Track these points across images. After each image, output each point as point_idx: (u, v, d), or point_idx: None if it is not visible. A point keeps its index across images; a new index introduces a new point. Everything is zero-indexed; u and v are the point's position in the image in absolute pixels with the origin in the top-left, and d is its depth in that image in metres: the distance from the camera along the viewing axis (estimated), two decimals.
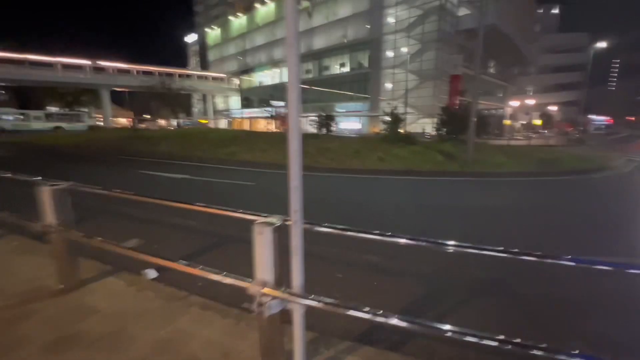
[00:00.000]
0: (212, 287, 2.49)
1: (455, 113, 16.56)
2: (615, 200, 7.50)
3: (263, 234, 1.37)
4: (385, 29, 37.56)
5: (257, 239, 1.38)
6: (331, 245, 4.00)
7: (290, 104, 1.29)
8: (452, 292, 3.06)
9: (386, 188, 8.29)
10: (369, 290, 3.03)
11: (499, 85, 46.03)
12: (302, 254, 1.37)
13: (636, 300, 2.91)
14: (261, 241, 1.37)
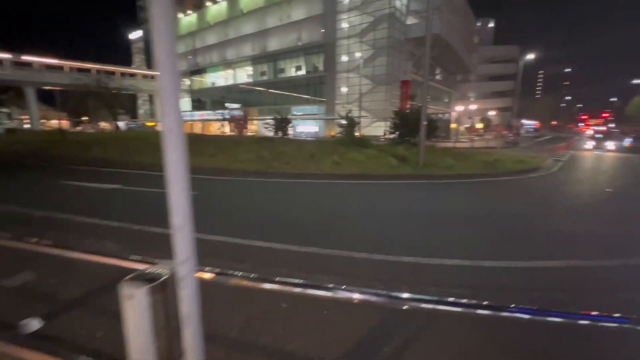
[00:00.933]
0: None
1: (407, 117, 17.06)
2: (549, 196, 8.07)
3: (134, 299, 0.89)
4: (339, 33, 38.08)
5: (127, 306, 0.90)
6: (280, 266, 3.57)
7: (164, 105, 0.84)
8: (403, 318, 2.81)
9: (341, 193, 8.06)
10: (318, 322, 2.65)
11: (445, 91, 49.18)
12: (198, 322, 0.92)
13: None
14: (133, 309, 0.90)
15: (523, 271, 3.57)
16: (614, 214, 6.34)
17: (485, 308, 1.55)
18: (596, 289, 3.24)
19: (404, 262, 3.67)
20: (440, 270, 3.55)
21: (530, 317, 1.59)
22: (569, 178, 11.37)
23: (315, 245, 4.07)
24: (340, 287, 0.80)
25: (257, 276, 0.98)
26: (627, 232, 5.19)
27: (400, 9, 35.27)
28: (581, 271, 3.62)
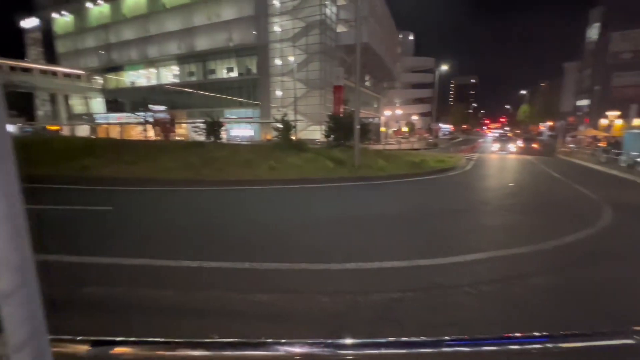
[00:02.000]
0: None
1: (341, 120, 17.54)
2: (467, 192, 8.99)
3: None
4: (272, 36, 37.70)
5: None
6: (213, 288, 3.16)
7: None
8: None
9: (278, 199, 7.78)
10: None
11: (374, 96, 52.33)
12: None
13: None
14: None
15: (455, 266, 3.77)
16: (518, 204, 7.29)
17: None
18: (517, 275, 3.56)
19: (347, 269, 3.58)
20: (382, 274, 3.54)
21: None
22: (480, 174, 12.91)
23: (251, 260, 3.73)
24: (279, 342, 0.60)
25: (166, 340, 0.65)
26: (531, 222, 5.96)
27: (331, 16, 36.43)
28: (502, 260, 3.98)
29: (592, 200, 8.14)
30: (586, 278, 3.59)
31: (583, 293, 3.25)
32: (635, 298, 3.20)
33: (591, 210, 6.85)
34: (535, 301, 3.04)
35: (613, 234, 5.23)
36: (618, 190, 9.96)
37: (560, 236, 4.98)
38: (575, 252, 4.36)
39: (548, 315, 2.79)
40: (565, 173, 13.67)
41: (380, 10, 45.48)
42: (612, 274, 3.73)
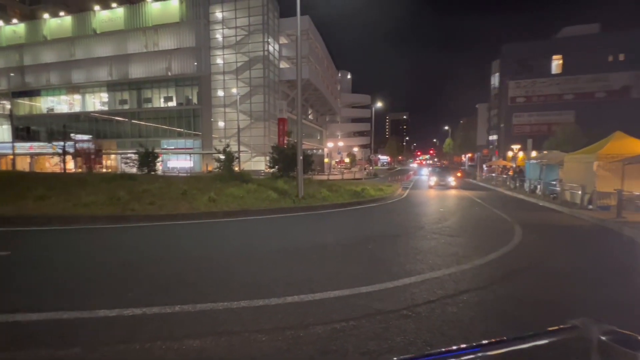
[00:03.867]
0: None
1: (284, 152, 17.74)
2: (405, 217, 9.58)
3: None
4: (214, 68, 37.65)
5: None
6: (137, 341, 2.77)
7: None
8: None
9: (216, 233, 7.37)
10: None
11: (317, 129, 54.48)
12: None
13: None
14: None
15: (395, 291, 3.90)
16: (448, 227, 7.97)
17: None
18: (449, 294, 3.80)
19: (288, 303, 3.45)
20: (325, 305, 3.48)
21: None
22: (414, 201, 13.95)
23: (183, 303, 3.40)
24: None
25: None
26: (459, 243, 6.53)
27: (273, 53, 37.93)
28: (436, 281, 4.23)
29: (506, 221, 9.28)
30: (507, 292, 3.98)
31: (505, 305, 3.58)
32: (546, 305, 3.63)
33: (506, 231, 7.78)
34: (465, 317, 3.26)
35: (524, 250, 5.98)
36: (524, 211, 11.56)
37: (484, 255, 5.53)
38: (496, 269, 4.84)
39: (478, 328, 3.00)
40: (483, 198, 15.49)
41: (320, 51, 48.84)
42: (527, 286, 4.21)
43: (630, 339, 0.85)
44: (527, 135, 32.73)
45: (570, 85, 39.66)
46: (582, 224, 9.11)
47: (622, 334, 0.87)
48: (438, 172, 22.88)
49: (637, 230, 7.31)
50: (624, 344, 0.85)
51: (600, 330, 0.89)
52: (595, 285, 4.37)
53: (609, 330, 0.88)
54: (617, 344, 0.85)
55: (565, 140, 25.51)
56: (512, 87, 42.15)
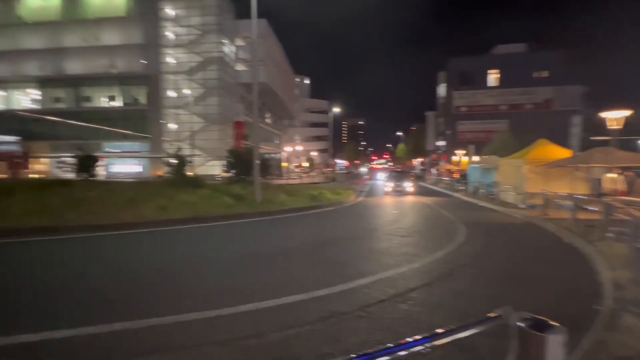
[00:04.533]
0: None
1: (241, 156, 17.29)
2: (361, 220, 9.86)
3: None
4: (164, 67, 35.58)
5: None
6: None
7: None
8: None
9: (164, 242, 6.95)
10: None
11: (275, 133, 54.03)
12: None
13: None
14: None
15: (349, 292, 3.98)
16: (400, 228, 8.35)
17: None
18: (400, 292, 3.97)
19: (242, 312, 3.36)
20: (280, 311, 3.45)
21: None
22: (370, 204, 14.43)
23: (124, 319, 3.14)
24: None
25: None
26: (409, 243, 6.87)
27: (229, 55, 36.97)
28: (388, 281, 4.40)
29: (451, 220, 9.99)
30: (451, 286, 4.27)
31: (449, 298, 3.84)
32: (483, 296, 3.96)
33: (451, 229, 8.37)
34: (414, 313, 3.43)
35: (466, 247, 6.48)
36: (467, 211, 12.54)
37: (431, 253, 5.89)
38: (443, 265, 5.18)
39: (425, 322, 3.18)
40: (432, 199, 16.53)
41: (278, 55, 48.69)
42: (469, 280, 4.56)
43: (542, 323, 0.98)
44: (469, 141, 35.69)
45: (504, 97, 44.18)
46: (515, 222, 10.13)
47: (536, 319, 1.00)
48: (395, 176, 21.40)
49: (558, 226, 8.31)
50: (536, 328, 0.97)
51: (518, 318, 1.02)
52: (523, 276, 4.88)
53: (526, 316, 1.01)
54: (531, 329, 0.98)
55: (501, 147, 28.23)
56: (457, 97, 45.78)
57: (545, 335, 0.93)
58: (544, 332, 0.94)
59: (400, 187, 19.36)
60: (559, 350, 0.93)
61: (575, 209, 8.68)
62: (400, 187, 19.33)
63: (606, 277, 4.37)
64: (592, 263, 5.42)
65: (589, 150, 11.06)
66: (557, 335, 0.93)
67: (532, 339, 0.95)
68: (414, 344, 0.89)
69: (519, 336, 0.99)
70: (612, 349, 2.51)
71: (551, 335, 0.92)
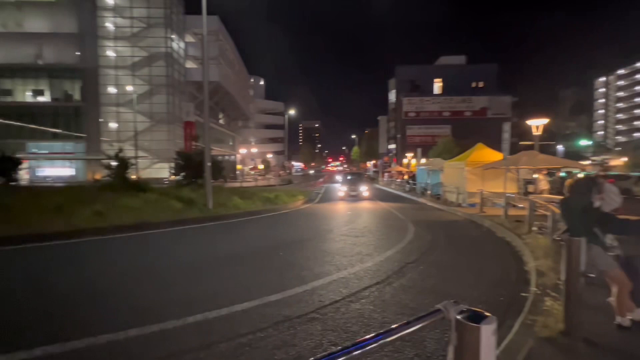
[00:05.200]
0: None
1: (191, 157, 16.39)
2: (319, 222, 9.92)
3: None
4: (103, 60, 32.54)
5: None
6: None
7: None
8: None
9: (100, 252, 6.32)
10: None
11: (229, 134, 52.28)
12: None
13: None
14: None
15: (303, 295, 3.95)
16: (354, 229, 8.56)
17: None
18: (353, 292, 4.05)
19: (189, 323, 3.15)
20: (231, 319, 3.30)
21: None
22: (326, 206, 14.61)
23: (49, 342, 2.76)
24: None
25: None
26: (363, 243, 7.06)
27: (178, 51, 34.99)
28: (342, 281, 4.46)
29: (401, 219, 10.50)
30: (401, 283, 4.46)
31: (400, 295, 4.01)
32: (430, 290, 4.19)
33: (401, 228, 8.79)
34: (366, 311, 3.52)
35: (415, 245, 6.84)
36: (415, 210, 13.29)
37: (383, 252, 6.11)
38: (393, 263, 5.40)
39: (377, 320, 3.27)
40: (384, 200, 17.25)
41: (231, 54, 47.28)
42: (417, 276, 4.81)
43: (477, 314, 1.05)
44: (417, 145, 37.97)
45: (447, 104, 47.88)
46: (456, 219, 10.97)
47: (472, 311, 1.07)
48: (350, 180, 19.33)
49: (492, 222, 9.18)
50: (472, 320, 1.03)
51: (456, 311, 1.08)
52: (464, 269, 5.28)
53: (463, 309, 1.07)
54: (467, 320, 1.04)
55: (444, 150, 30.50)
56: (406, 103, 48.49)
57: (479, 326, 0.99)
58: (478, 323, 1.00)
59: (355, 191, 17.36)
60: (491, 339, 0.99)
61: (507, 206, 9.66)
62: (356, 192, 17.31)
63: (531, 267, 4.91)
64: (520, 254, 6.07)
65: (517, 153, 12.42)
66: (489, 325, 0.99)
67: (468, 329, 1.01)
68: (365, 343, 0.91)
69: (456, 327, 1.05)
70: (537, 330, 2.81)
71: (484, 325, 0.99)
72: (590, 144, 46.07)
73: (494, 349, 1.01)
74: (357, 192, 17.34)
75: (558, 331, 2.75)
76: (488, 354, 0.99)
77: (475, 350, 0.99)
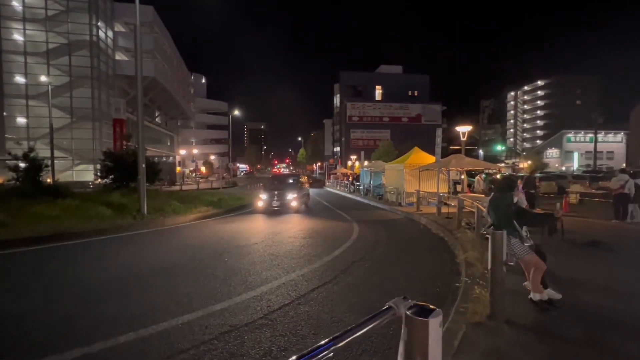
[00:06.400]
0: None
1: (122, 159, 14.81)
2: (265, 222, 9.70)
3: None
4: (7, 45, 27.79)
5: None
6: None
7: None
8: None
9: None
10: None
11: (167, 134, 48.56)
12: None
13: None
14: None
15: (251, 301, 3.81)
16: (301, 230, 8.56)
17: None
18: (302, 293, 4.02)
19: (120, 344, 2.82)
20: (171, 334, 3.03)
21: None
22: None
23: None
24: None
25: None
26: (310, 244, 7.10)
27: (105, 41, 31.47)
28: (290, 284, 4.41)
29: (346, 219, 10.82)
30: (347, 282, 4.57)
31: (346, 293, 4.10)
32: (375, 286, 4.37)
33: (346, 228, 9.05)
34: (315, 312, 3.52)
35: (359, 244, 7.09)
36: (360, 210, 13.82)
37: (330, 252, 6.22)
38: (341, 262, 5.52)
39: (326, 320, 3.29)
40: (330, 201, 17.63)
41: (169, 48, 44.11)
42: (362, 273, 4.98)
43: (424, 308, 1.09)
44: (361, 148, 39.66)
45: (386, 110, 50.97)
46: (397, 218, 11.68)
47: (420, 305, 1.11)
48: (277, 184, 14.16)
49: (428, 219, 9.98)
50: (420, 314, 1.07)
51: (406, 307, 1.12)
52: (404, 264, 5.63)
53: (412, 304, 1.12)
54: (415, 315, 1.08)
55: (384, 153, 32.35)
56: (349, 108, 50.36)
57: (427, 320, 1.04)
58: (426, 317, 1.05)
59: (280, 201, 12.19)
60: (438, 331, 1.05)
61: (439, 204, 10.58)
62: (280, 202, 12.17)
63: (461, 259, 5.43)
64: (452, 248, 6.68)
65: (447, 157, 13.70)
66: (436, 318, 1.05)
67: (416, 323, 1.06)
68: (318, 350, 0.88)
69: (406, 323, 1.09)
70: (468, 317, 3.10)
71: (431, 319, 1.04)
72: (504, 149, 53.06)
73: (440, 340, 1.06)
74: (283, 202, 12.17)
75: (486, 315, 3.07)
76: (435, 346, 1.04)
77: (424, 343, 1.04)
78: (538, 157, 43.94)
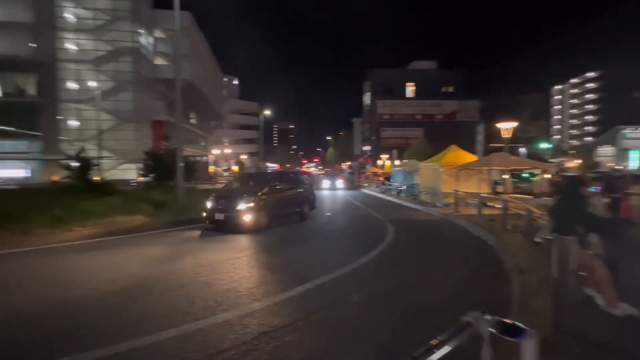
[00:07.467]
0: None
1: (161, 158, 15.58)
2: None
3: None
4: (62, 54, 30.30)
5: None
6: None
7: None
8: None
9: (50, 267, 5.75)
10: None
11: (201, 135, 50.62)
12: None
13: None
14: None
15: (288, 302, 3.76)
16: (335, 230, 8.44)
17: None
18: (341, 295, 3.91)
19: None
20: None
21: None
22: None
23: None
24: None
25: None
26: (345, 244, 6.96)
27: (146, 46, 33.37)
28: (330, 284, 4.31)
29: (380, 220, 10.53)
30: (387, 285, 4.38)
31: (388, 298, 3.92)
32: (426, 294, 4.14)
33: (381, 229, 8.79)
34: (355, 318, 3.38)
35: (396, 245, 6.84)
36: (392, 210, 13.44)
37: (367, 253, 6.03)
38: (378, 264, 5.33)
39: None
40: (361, 201, 17.35)
41: (204, 52, 45.88)
42: (405, 279, 4.76)
43: (515, 327, 0.91)
44: (392, 146, 38.80)
45: (419, 108, 49.41)
46: (433, 219, 11.19)
47: (507, 324, 0.93)
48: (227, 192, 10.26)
49: (468, 222, 9.44)
50: (510, 334, 0.90)
51: (489, 324, 0.94)
52: (447, 269, 5.32)
53: (496, 321, 0.94)
54: (504, 335, 0.90)
55: (417, 152, 31.35)
56: (380, 106, 49.43)
57: (519, 341, 0.88)
58: (516, 337, 0.88)
59: (224, 212, 8.37)
60: (533, 356, 0.88)
61: (480, 205, 9.98)
62: (225, 213, 8.35)
63: (512, 265, 5.02)
64: (497, 253, 6.22)
65: (489, 155, 12.91)
66: (530, 340, 0.88)
67: (506, 345, 0.89)
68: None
69: (490, 344, 0.92)
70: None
71: (525, 341, 0.87)
72: (549, 147, 49.45)
73: None
74: (229, 213, 8.48)
75: (551, 331, 2.76)
76: None
77: None
78: (589, 155, 40.43)
